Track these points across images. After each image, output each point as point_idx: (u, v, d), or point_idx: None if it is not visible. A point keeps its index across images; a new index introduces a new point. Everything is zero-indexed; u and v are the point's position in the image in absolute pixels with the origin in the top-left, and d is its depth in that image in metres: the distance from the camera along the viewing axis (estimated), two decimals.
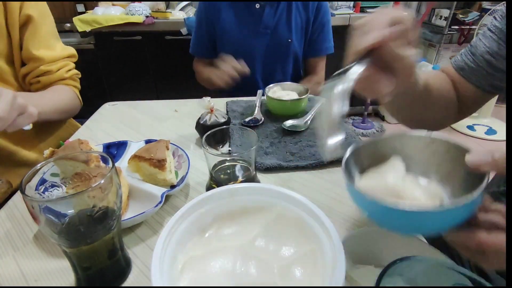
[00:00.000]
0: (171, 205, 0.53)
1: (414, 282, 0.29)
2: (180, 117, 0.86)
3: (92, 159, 0.44)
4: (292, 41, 1.08)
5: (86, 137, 0.60)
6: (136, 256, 0.44)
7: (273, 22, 1.06)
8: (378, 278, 0.27)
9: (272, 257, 0.35)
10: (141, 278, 0.41)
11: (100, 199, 0.33)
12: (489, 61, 0.53)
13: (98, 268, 0.38)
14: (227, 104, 0.90)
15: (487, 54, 0.53)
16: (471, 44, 0.57)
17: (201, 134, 0.70)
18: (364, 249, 0.37)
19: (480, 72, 0.54)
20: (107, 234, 0.36)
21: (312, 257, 0.33)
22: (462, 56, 0.58)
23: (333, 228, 0.32)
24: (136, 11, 1.95)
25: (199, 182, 0.59)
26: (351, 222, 0.49)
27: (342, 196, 0.55)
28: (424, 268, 0.30)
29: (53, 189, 0.37)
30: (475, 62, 0.54)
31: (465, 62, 0.57)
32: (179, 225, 0.35)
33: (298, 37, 1.10)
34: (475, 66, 0.54)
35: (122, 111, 0.90)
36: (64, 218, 0.33)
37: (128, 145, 0.64)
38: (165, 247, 0.32)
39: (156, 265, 0.29)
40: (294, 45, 1.10)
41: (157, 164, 0.51)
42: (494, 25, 0.53)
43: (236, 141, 0.65)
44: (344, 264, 0.28)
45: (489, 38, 0.53)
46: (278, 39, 1.08)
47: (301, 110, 0.82)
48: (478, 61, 0.54)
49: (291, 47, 1.10)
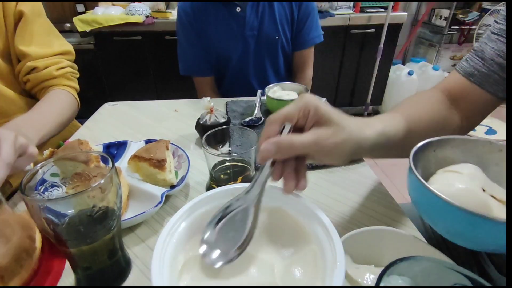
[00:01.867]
0: (171, 205, 0.53)
1: (414, 282, 0.29)
2: (180, 117, 0.86)
3: (92, 159, 0.44)
4: (279, 37, 1.07)
5: (86, 137, 0.60)
6: (136, 256, 0.44)
7: (257, 22, 1.04)
8: (378, 278, 0.27)
9: (272, 257, 0.35)
10: (141, 278, 0.41)
11: (100, 199, 0.33)
12: (501, 64, 0.50)
13: (98, 268, 0.38)
14: (227, 104, 0.90)
15: (498, 57, 0.50)
16: (475, 49, 0.54)
17: (201, 134, 0.70)
18: (364, 249, 0.37)
19: (492, 77, 0.51)
20: (107, 234, 0.36)
21: (312, 257, 0.33)
22: (469, 61, 0.54)
23: (333, 228, 0.32)
24: (136, 11, 1.95)
25: (199, 182, 0.59)
26: (351, 222, 0.49)
27: (342, 196, 0.55)
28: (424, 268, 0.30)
29: (53, 189, 0.37)
30: (486, 67, 0.51)
31: (474, 68, 0.53)
32: (179, 225, 0.34)
33: (285, 31, 1.08)
34: (487, 71, 0.51)
35: (122, 111, 0.90)
36: (64, 218, 0.33)
37: (128, 145, 0.64)
38: (165, 247, 0.31)
39: (156, 265, 0.29)
40: (282, 41, 1.08)
41: (157, 164, 0.51)
42: (498, 28, 0.51)
43: (236, 141, 0.65)
44: (344, 264, 0.28)
45: (497, 41, 0.51)
46: (265, 38, 1.06)
47: None
48: (489, 65, 0.51)
49: (279, 44, 1.09)
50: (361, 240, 0.37)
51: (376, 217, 0.50)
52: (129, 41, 1.99)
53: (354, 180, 0.59)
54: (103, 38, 1.98)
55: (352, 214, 0.51)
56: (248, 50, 1.08)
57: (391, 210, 0.52)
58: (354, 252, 0.37)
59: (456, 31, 2.62)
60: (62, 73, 0.77)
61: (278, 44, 1.08)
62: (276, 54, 1.11)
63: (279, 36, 1.07)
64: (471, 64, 0.54)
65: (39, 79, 0.74)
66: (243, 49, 1.07)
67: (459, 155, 0.41)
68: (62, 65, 0.78)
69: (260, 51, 1.09)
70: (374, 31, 2.17)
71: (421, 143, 0.39)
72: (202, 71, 1.13)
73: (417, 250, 0.36)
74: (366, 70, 2.34)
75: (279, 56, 1.12)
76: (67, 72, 0.79)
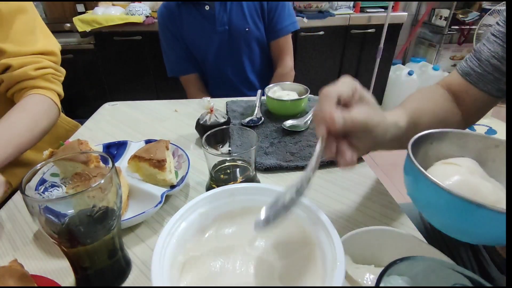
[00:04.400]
0: (171, 205, 0.53)
1: (414, 282, 0.29)
2: (180, 117, 0.86)
3: (92, 159, 0.44)
4: (249, 29, 1.09)
5: (86, 137, 0.60)
6: (136, 256, 0.44)
7: (226, 18, 1.06)
8: (378, 278, 0.27)
9: (272, 257, 0.35)
10: (141, 278, 0.41)
11: (100, 199, 0.33)
12: (495, 65, 0.52)
13: (98, 268, 0.38)
14: (227, 104, 0.90)
15: (493, 59, 0.52)
16: (475, 50, 0.57)
17: (201, 134, 0.70)
18: (364, 249, 0.37)
19: (487, 77, 0.54)
20: (107, 234, 0.36)
21: (312, 257, 0.33)
22: (467, 61, 0.57)
23: (333, 228, 0.32)
24: (136, 11, 1.95)
25: (199, 182, 0.59)
26: (351, 222, 0.49)
27: (342, 196, 0.55)
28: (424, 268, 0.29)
29: (53, 189, 0.37)
30: (481, 67, 0.54)
31: (470, 68, 0.56)
32: (179, 225, 0.34)
33: (255, 23, 1.09)
34: (482, 71, 0.54)
35: (122, 111, 0.90)
36: (64, 218, 0.33)
37: (128, 145, 0.64)
38: (165, 247, 0.31)
39: (156, 265, 0.29)
40: (254, 32, 1.10)
41: (156, 165, 0.51)
42: (498, 30, 0.53)
43: (236, 141, 0.65)
44: (344, 264, 0.28)
45: (494, 43, 0.53)
46: (236, 32, 1.08)
47: (301, 110, 0.82)
48: (484, 65, 0.54)
49: (251, 36, 1.10)
50: (361, 240, 0.37)
51: (376, 217, 0.50)
52: (129, 41, 1.99)
53: (354, 180, 0.59)
54: (103, 38, 1.98)
55: (352, 214, 0.51)
56: (222, 45, 1.10)
57: (391, 210, 0.52)
58: (354, 252, 0.37)
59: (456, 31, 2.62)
60: (40, 74, 0.69)
61: (250, 36, 1.10)
62: (250, 46, 1.12)
63: (249, 28, 1.08)
64: (468, 64, 0.56)
65: (13, 79, 0.67)
66: (217, 46, 1.10)
67: (456, 149, 0.41)
68: (42, 65, 0.69)
69: (233, 45, 1.11)
70: (374, 31, 2.17)
71: (419, 134, 0.39)
72: (185, 70, 1.17)
73: (417, 250, 0.36)
74: (366, 70, 2.34)
75: (253, 48, 1.13)
76: (47, 73, 0.71)
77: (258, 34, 1.11)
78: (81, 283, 0.39)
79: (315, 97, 0.91)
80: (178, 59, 1.14)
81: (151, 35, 1.98)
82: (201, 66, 1.17)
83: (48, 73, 0.71)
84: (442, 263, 0.29)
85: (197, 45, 1.11)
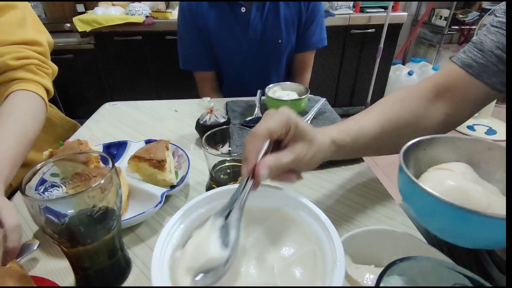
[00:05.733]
0: (171, 205, 0.53)
1: (414, 282, 0.29)
2: (180, 117, 0.86)
3: (92, 159, 0.44)
4: (282, 41, 1.04)
5: (86, 137, 0.60)
6: (136, 256, 0.44)
7: (261, 26, 1.00)
8: (378, 278, 0.27)
9: (272, 257, 0.35)
10: (141, 278, 0.41)
11: (100, 199, 0.33)
12: (500, 56, 0.50)
13: (98, 268, 0.38)
14: (227, 104, 0.90)
15: (497, 49, 0.50)
16: (473, 41, 0.54)
17: (201, 134, 0.70)
18: (364, 249, 0.37)
19: (491, 69, 0.51)
20: (107, 234, 0.36)
21: (312, 257, 0.33)
22: (467, 53, 0.54)
23: (333, 228, 0.32)
24: (136, 11, 1.95)
25: (199, 182, 0.59)
26: (351, 222, 0.49)
27: (342, 196, 0.55)
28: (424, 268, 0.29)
29: (53, 189, 0.37)
30: (485, 58, 0.51)
31: (472, 59, 0.53)
32: (179, 225, 0.34)
33: (288, 34, 1.04)
34: (485, 62, 0.51)
35: (122, 111, 0.90)
36: (64, 218, 0.33)
37: (128, 145, 0.64)
38: (165, 247, 0.32)
39: (156, 265, 0.29)
40: (284, 44, 1.05)
41: (156, 165, 0.51)
42: (497, 21, 0.51)
43: (236, 141, 0.65)
44: (344, 264, 0.28)
45: (496, 33, 0.51)
46: (268, 42, 1.03)
47: (301, 110, 0.82)
48: (488, 56, 0.51)
49: (282, 48, 1.06)
50: (361, 240, 0.37)
51: (376, 217, 0.50)
52: (129, 41, 1.99)
53: (354, 180, 0.59)
54: (103, 38, 1.98)
55: (352, 214, 0.51)
56: (250, 53, 1.05)
57: (391, 210, 0.52)
58: (354, 252, 0.37)
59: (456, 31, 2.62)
60: (21, 64, 0.63)
61: (281, 47, 1.05)
62: (279, 57, 1.08)
63: (282, 39, 1.03)
64: (469, 55, 0.53)
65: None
66: (245, 52, 1.04)
67: (449, 153, 0.41)
68: (23, 55, 0.64)
69: (262, 55, 1.06)
70: (374, 31, 2.17)
71: (411, 142, 0.39)
72: (201, 66, 1.10)
73: (417, 250, 0.36)
74: (366, 70, 2.34)
75: (282, 59, 1.09)
76: (29, 64, 0.64)
77: (289, 46, 1.06)
78: (81, 283, 0.39)
79: (315, 97, 0.91)
80: (196, 53, 1.07)
81: (151, 35, 1.98)
82: (220, 66, 1.10)
83: (31, 63, 0.65)
84: (442, 263, 0.29)
85: (223, 46, 1.04)
